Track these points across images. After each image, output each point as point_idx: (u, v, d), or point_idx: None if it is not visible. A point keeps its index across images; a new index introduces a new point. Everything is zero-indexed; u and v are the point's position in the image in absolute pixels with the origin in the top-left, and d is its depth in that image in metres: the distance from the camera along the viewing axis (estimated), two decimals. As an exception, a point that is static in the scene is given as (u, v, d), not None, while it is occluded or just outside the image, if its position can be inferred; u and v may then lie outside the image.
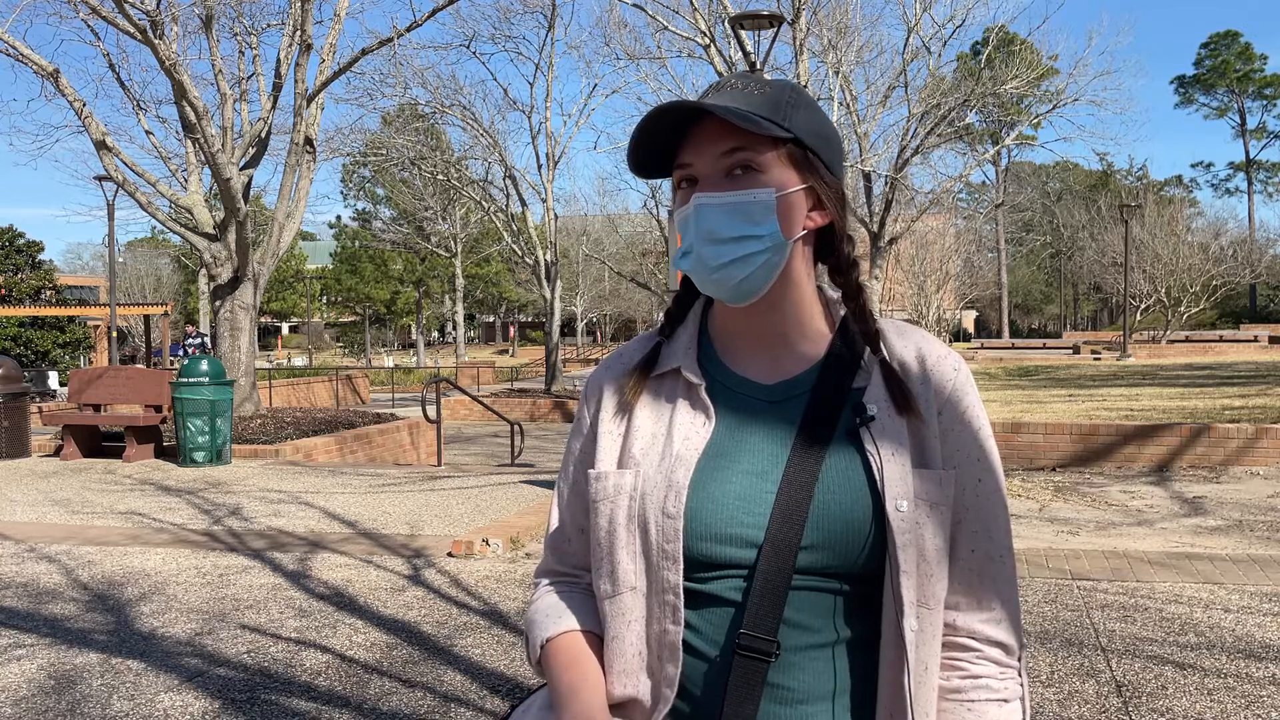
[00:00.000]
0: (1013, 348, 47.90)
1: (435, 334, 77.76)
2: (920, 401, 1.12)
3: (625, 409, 1.18)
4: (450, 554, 6.38)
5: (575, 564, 1.23)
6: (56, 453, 11.60)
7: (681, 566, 1.08)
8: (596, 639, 1.16)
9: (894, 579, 1.07)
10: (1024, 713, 1.13)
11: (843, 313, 1.19)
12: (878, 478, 1.08)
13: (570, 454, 1.23)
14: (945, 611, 1.12)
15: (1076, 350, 43.62)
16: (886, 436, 1.10)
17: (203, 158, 13.97)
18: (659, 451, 1.13)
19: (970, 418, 1.14)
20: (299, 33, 13.41)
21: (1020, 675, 1.14)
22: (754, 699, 1.06)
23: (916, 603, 1.07)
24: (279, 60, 14.16)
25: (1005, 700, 1.12)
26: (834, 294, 1.21)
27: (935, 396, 1.13)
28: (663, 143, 1.14)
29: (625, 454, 1.15)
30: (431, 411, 11.99)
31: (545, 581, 1.25)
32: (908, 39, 21.46)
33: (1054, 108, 25.12)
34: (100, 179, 22.64)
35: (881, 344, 1.16)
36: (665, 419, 1.15)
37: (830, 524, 1.07)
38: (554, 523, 1.25)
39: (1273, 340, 42.49)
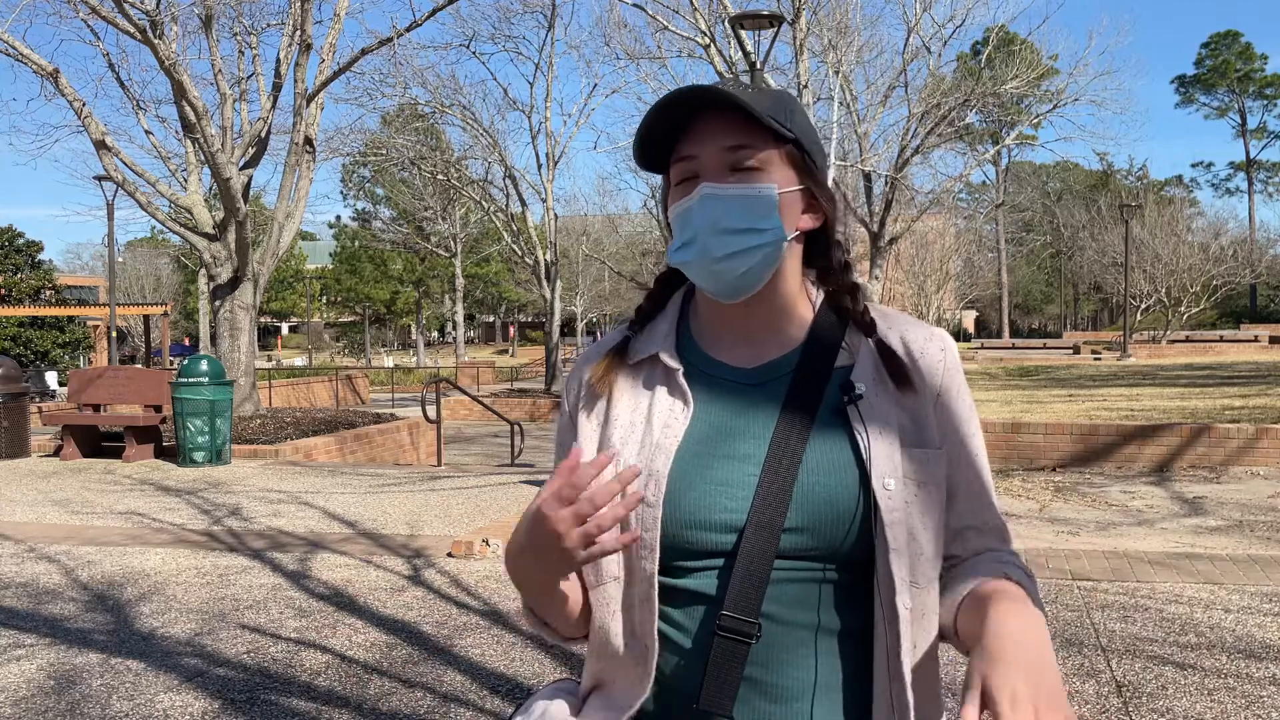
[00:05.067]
0: (1013, 348, 47.92)
1: (435, 334, 77.76)
2: (915, 381, 1.13)
3: (602, 398, 1.18)
4: (450, 554, 6.37)
5: None
6: (56, 453, 11.60)
7: (658, 555, 1.09)
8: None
9: (884, 558, 1.07)
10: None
11: (821, 298, 1.20)
12: (865, 456, 1.08)
13: (560, 446, 1.25)
14: (951, 561, 1.14)
15: (1077, 350, 43.63)
16: (875, 415, 1.10)
17: (202, 158, 13.98)
18: (638, 439, 1.13)
19: (962, 395, 1.16)
20: (299, 33, 13.41)
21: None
22: (733, 682, 1.06)
23: (909, 581, 1.07)
24: (279, 60, 14.15)
25: (1006, 559, 1.14)
26: (814, 285, 1.22)
27: (930, 378, 1.14)
28: (665, 135, 1.14)
29: (604, 443, 1.16)
30: (431, 411, 11.99)
31: None
32: (908, 39, 21.47)
33: (1054, 108, 25.13)
34: (100, 179, 22.64)
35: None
36: (643, 406, 1.15)
37: (814, 505, 1.07)
38: None
39: (1273, 340, 42.49)
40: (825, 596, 1.09)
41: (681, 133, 1.13)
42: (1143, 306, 47.43)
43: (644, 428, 1.14)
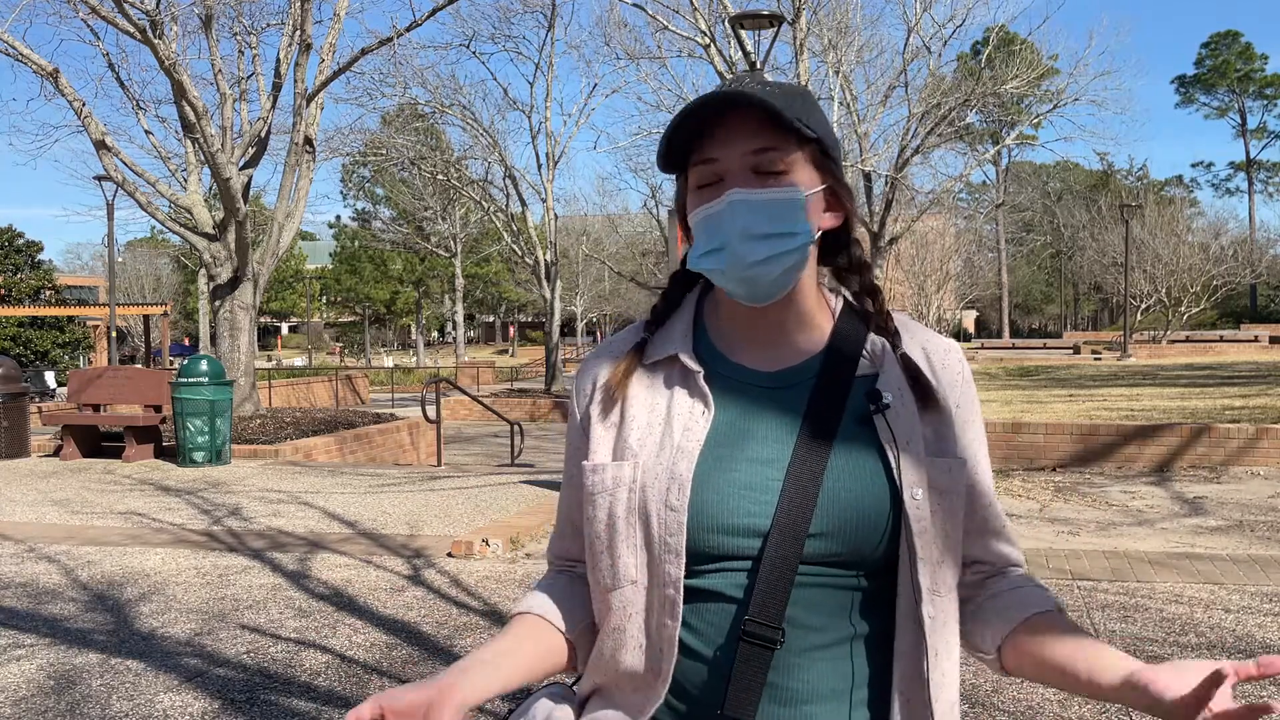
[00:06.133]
0: (1013, 348, 47.93)
1: (435, 334, 77.77)
2: (940, 394, 1.14)
3: (618, 399, 1.16)
4: (450, 554, 6.37)
5: (569, 554, 1.24)
6: (56, 453, 11.60)
7: (683, 560, 1.07)
8: (543, 622, 1.18)
9: (911, 567, 1.07)
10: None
11: (841, 304, 1.19)
12: (894, 465, 1.08)
13: (569, 447, 1.23)
14: (965, 569, 1.17)
15: (1077, 350, 43.64)
16: (901, 424, 1.10)
17: (202, 158, 13.98)
18: (657, 442, 1.11)
19: (976, 408, 1.18)
20: (299, 32, 13.41)
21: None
22: (757, 686, 1.05)
23: (931, 590, 1.08)
24: (279, 60, 14.16)
25: (1043, 588, 1.18)
26: (833, 287, 1.21)
27: (950, 390, 1.15)
28: (684, 136, 1.12)
29: (621, 445, 1.14)
30: (431, 411, 11.99)
31: (550, 564, 1.29)
32: (908, 39, 21.48)
33: (1054, 107, 25.15)
34: (100, 179, 22.65)
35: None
36: (662, 408, 1.14)
37: (840, 511, 1.06)
38: (558, 515, 1.27)
39: (1273, 340, 42.50)
40: (847, 602, 1.08)
41: (702, 134, 1.11)
42: (1143, 306, 47.43)
43: (663, 429, 1.12)
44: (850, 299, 1.20)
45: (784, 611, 1.05)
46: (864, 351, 1.15)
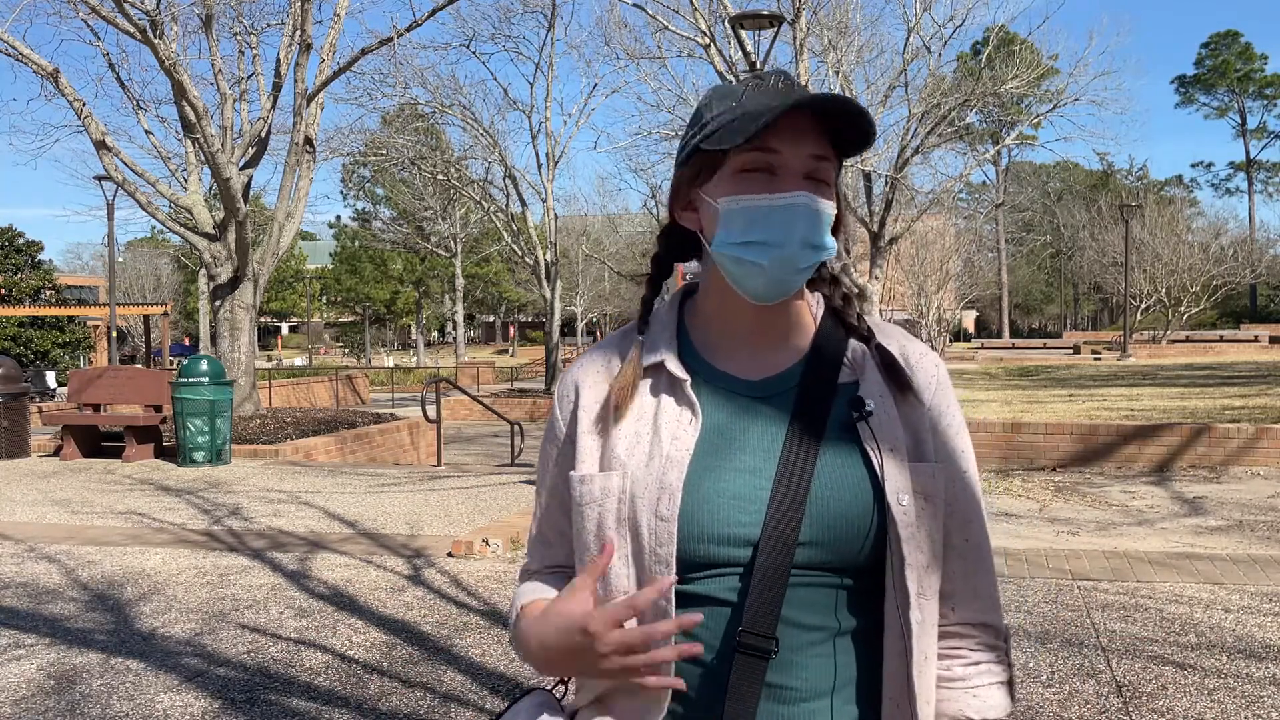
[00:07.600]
0: (1013, 348, 47.94)
1: (435, 334, 77.78)
2: (917, 391, 1.14)
3: (606, 408, 1.15)
4: (450, 554, 6.37)
5: (558, 562, 1.22)
6: (56, 453, 11.60)
7: (674, 570, 1.07)
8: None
9: (899, 572, 1.07)
10: (1014, 691, 1.18)
11: (822, 307, 1.20)
12: (879, 472, 1.08)
13: (547, 458, 1.21)
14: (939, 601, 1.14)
15: (1077, 350, 43.64)
16: (884, 431, 1.10)
17: (202, 158, 13.98)
18: (645, 451, 1.11)
19: (953, 413, 1.17)
20: (299, 32, 13.42)
21: (1009, 655, 1.19)
22: (754, 697, 1.06)
23: (918, 594, 1.08)
24: (279, 60, 14.16)
25: (1004, 682, 1.17)
26: (812, 294, 1.21)
27: (923, 392, 1.15)
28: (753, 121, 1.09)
29: (608, 455, 1.13)
30: (431, 411, 11.99)
31: (533, 575, 1.27)
32: (908, 39, 21.45)
33: (1054, 107, 25.12)
34: (100, 179, 22.67)
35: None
36: (649, 417, 1.13)
37: (828, 519, 1.07)
38: (534, 530, 1.25)
39: (1273, 340, 42.51)
40: (837, 601, 1.09)
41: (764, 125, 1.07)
42: (1143, 306, 47.43)
43: (651, 438, 1.11)
44: (827, 301, 1.20)
45: (777, 621, 1.06)
46: (845, 359, 1.15)
